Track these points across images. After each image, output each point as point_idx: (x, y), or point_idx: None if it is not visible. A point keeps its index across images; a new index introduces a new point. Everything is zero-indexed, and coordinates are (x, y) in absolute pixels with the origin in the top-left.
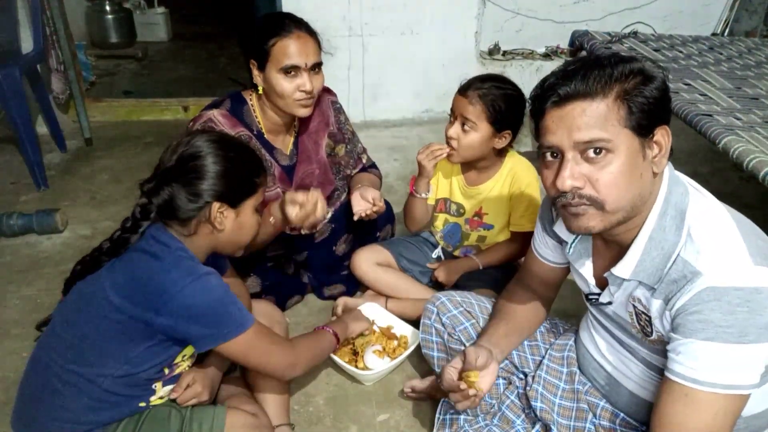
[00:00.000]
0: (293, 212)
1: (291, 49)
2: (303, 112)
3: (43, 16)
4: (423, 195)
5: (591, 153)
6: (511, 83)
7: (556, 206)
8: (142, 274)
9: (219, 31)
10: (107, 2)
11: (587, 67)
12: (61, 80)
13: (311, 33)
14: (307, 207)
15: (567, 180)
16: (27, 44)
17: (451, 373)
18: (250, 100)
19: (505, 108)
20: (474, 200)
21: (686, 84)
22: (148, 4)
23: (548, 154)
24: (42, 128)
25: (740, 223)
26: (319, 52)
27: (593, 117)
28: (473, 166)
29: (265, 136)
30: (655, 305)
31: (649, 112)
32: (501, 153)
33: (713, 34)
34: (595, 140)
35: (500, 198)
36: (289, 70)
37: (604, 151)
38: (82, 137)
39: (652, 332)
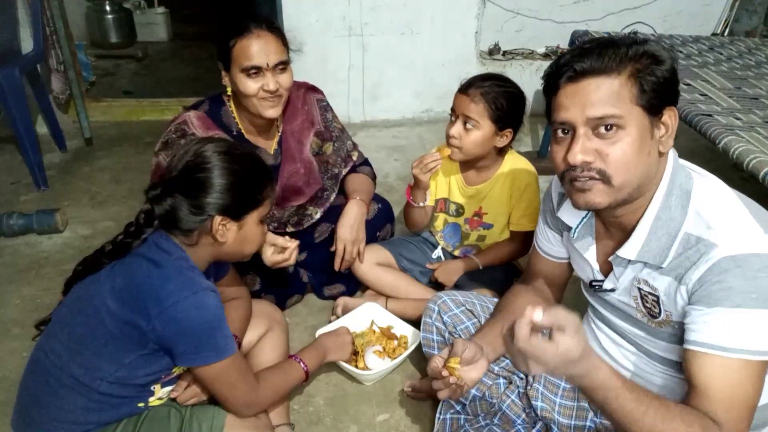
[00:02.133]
0: (269, 252)
1: (251, 49)
2: (270, 113)
3: (43, 16)
4: (421, 204)
5: (602, 129)
6: (511, 82)
7: (564, 181)
8: (141, 280)
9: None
10: (107, 2)
11: (603, 45)
12: (61, 80)
13: (273, 31)
14: (286, 254)
15: (578, 154)
16: (27, 44)
17: (437, 361)
18: (228, 101)
19: (507, 106)
20: (473, 200)
21: (686, 84)
22: (148, 4)
23: (560, 131)
24: (42, 128)
25: (743, 198)
26: (284, 51)
27: (606, 93)
28: (473, 165)
29: (246, 136)
30: (663, 283)
31: (660, 91)
32: (501, 152)
33: (713, 34)
34: (607, 116)
35: (500, 198)
36: (251, 71)
37: (615, 128)
38: (82, 137)
39: (660, 313)
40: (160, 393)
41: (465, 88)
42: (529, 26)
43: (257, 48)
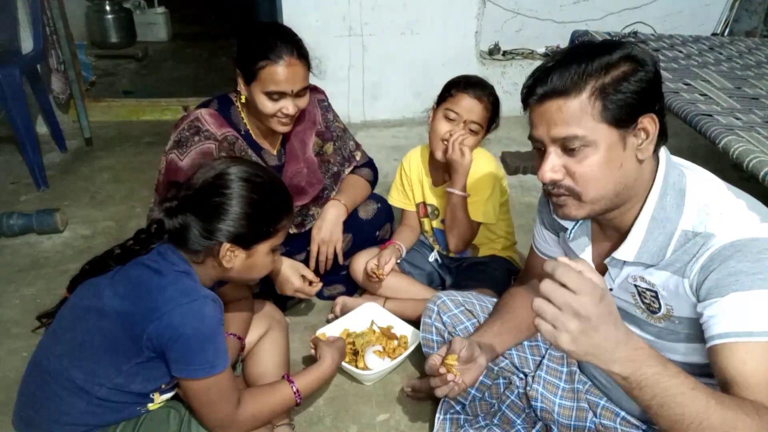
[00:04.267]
0: (297, 281)
1: (279, 76)
2: (282, 129)
3: (43, 16)
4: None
5: (569, 147)
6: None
7: (545, 194)
8: (142, 287)
9: (219, 30)
10: (107, 2)
11: (565, 63)
12: (61, 80)
13: (303, 57)
14: (311, 289)
15: (547, 173)
16: (27, 44)
17: (435, 359)
18: (237, 101)
19: (498, 112)
20: (444, 200)
21: (686, 84)
22: (148, 4)
23: (535, 147)
24: (42, 128)
25: (738, 192)
26: (308, 76)
27: (568, 114)
28: (440, 166)
29: (253, 136)
30: (660, 278)
31: (628, 105)
32: None
33: (713, 34)
34: (570, 137)
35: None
36: (274, 95)
37: (581, 146)
38: (82, 137)
39: (660, 307)
40: (159, 400)
41: (472, 93)
42: (529, 26)
43: (286, 76)
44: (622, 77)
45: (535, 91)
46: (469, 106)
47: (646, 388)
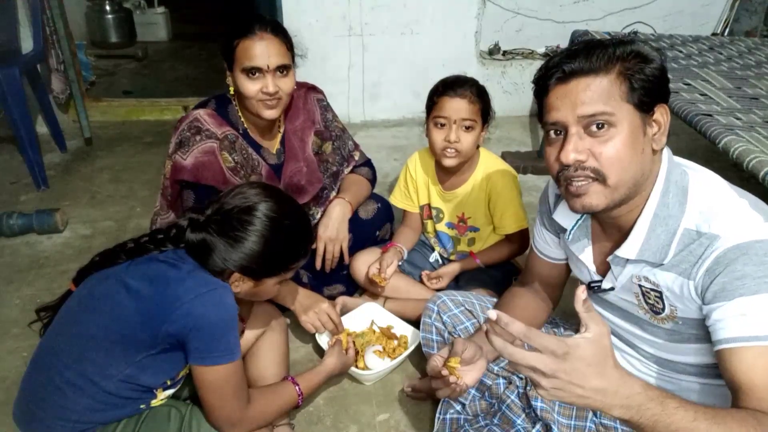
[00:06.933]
0: (309, 320)
1: (253, 50)
2: (268, 114)
3: (43, 16)
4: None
5: (594, 128)
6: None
7: (559, 183)
8: (159, 279)
9: (219, 30)
10: (107, 2)
11: (590, 47)
12: (61, 80)
13: (278, 34)
14: (324, 320)
15: (571, 153)
16: (27, 44)
17: (437, 360)
18: (234, 100)
19: (489, 101)
20: (451, 204)
21: (686, 84)
22: (148, 4)
23: (552, 132)
24: (42, 128)
25: (740, 191)
26: (287, 54)
27: (596, 92)
28: (453, 169)
29: (251, 135)
30: (667, 279)
31: (650, 89)
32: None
33: (713, 34)
34: (598, 113)
35: (477, 201)
36: (252, 71)
37: (606, 126)
38: (82, 137)
39: (664, 308)
40: (161, 396)
41: (452, 93)
42: (529, 26)
43: (259, 50)
44: (644, 61)
45: (562, 68)
46: (453, 106)
47: (647, 428)
